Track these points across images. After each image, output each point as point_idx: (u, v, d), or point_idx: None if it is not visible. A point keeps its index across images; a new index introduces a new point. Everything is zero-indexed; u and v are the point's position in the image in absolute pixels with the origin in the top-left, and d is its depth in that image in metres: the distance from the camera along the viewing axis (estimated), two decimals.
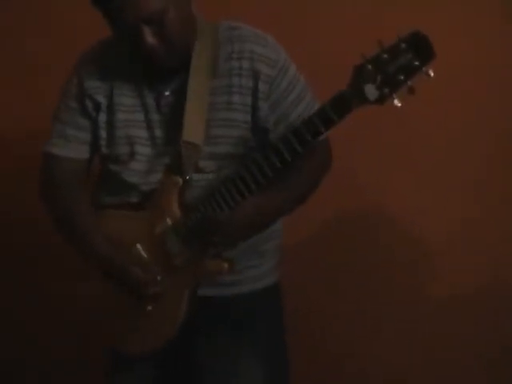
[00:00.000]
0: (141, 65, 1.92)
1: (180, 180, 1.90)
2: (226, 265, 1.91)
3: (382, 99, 1.68)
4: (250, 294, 2.03)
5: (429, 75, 1.65)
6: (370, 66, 1.66)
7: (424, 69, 1.65)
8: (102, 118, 1.96)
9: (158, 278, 1.93)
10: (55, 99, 2.04)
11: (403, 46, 1.64)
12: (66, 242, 2.03)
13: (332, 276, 2.79)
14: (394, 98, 1.68)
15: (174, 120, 1.91)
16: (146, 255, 1.95)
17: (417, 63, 1.64)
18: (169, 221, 1.91)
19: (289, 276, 2.16)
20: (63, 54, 2.48)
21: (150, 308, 1.97)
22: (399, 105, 1.68)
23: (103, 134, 1.97)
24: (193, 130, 1.88)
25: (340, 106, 1.72)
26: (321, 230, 2.79)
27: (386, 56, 1.65)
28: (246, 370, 2.00)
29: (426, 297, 2.74)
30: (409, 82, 1.66)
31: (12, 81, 2.89)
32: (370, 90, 1.68)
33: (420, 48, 1.64)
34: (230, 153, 1.92)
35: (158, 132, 1.94)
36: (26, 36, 2.86)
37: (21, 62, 2.88)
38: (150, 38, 1.79)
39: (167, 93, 1.92)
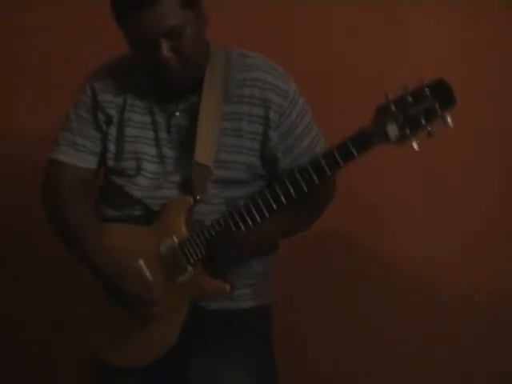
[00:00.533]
0: (154, 83, 1.94)
1: (191, 200, 1.92)
2: (228, 287, 1.93)
3: (402, 139, 1.72)
4: (239, 311, 2.04)
5: (447, 123, 1.69)
6: (393, 107, 1.71)
7: (444, 115, 1.69)
8: (112, 131, 1.99)
9: (156, 293, 1.95)
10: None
11: (427, 91, 1.68)
12: (67, 250, 2.05)
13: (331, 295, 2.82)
14: (412, 140, 1.72)
15: (182, 140, 1.95)
16: (147, 271, 1.96)
17: (438, 109, 1.68)
18: (175, 239, 1.93)
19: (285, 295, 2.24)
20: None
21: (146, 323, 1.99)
22: (416, 148, 1.72)
23: (112, 147, 2.00)
24: (204, 152, 1.92)
25: (361, 141, 1.76)
26: (319, 246, 2.81)
27: (410, 99, 1.69)
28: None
29: (431, 311, 2.76)
30: (428, 127, 1.70)
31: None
32: (392, 129, 1.72)
33: (442, 94, 1.68)
34: (238, 178, 1.95)
35: (166, 151, 1.97)
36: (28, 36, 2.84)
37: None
38: (167, 51, 1.83)
39: (177, 113, 1.96)
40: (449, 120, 1.68)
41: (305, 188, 1.82)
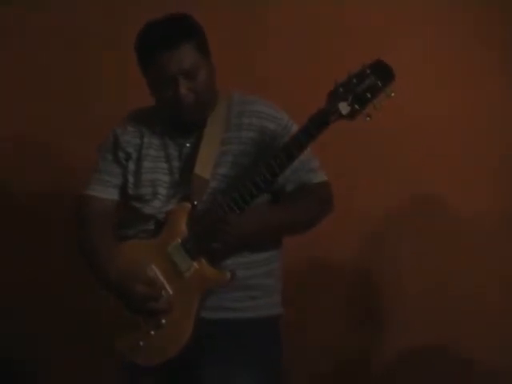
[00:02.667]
0: (168, 124, 2.30)
1: (189, 205, 2.23)
2: (228, 274, 2.19)
3: (353, 114, 2.01)
4: (244, 321, 2.26)
5: (390, 96, 1.98)
6: (341, 89, 2.01)
7: (387, 89, 1.98)
8: (131, 166, 2.33)
9: (170, 292, 2.21)
10: None
11: (368, 71, 1.98)
12: (88, 268, 2.33)
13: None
14: (363, 114, 2.01)
15: (190, 166, 2.26)
16: (159, 273, 2.23)
17: (380, 84, 1.97)
18: (178, 240, 2.22)
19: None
20: None
21: (163, 321, 2.23)
22: (369, 119, 2.00)
23: (131, 178, 2.33)
24: (203, 167, 2.23)
25: (318, 121, 2.05)
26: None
27: (354, 80, 1.99)
28: None
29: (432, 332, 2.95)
30: (374, 100, 1.98)
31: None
32: (343, 107, 2.00)
33: (382, 72, 1.97)
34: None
35: (177, 176, 2.29)
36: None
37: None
38: (184, 89, 2.18)
39: (188, 144, 2.30)
40: (392, 93, 1.96)
41: (277, 171, 2.10)
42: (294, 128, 2.23)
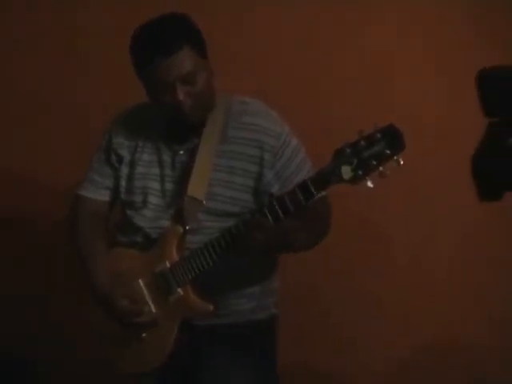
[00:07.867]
0: (163, 126, 2.21)
1: (181, 229, 2.16)
2: (211, 307, 2.15)
3: (355, 180, 1.88)
4: (234, 325, 2.25)
5: (399, 163, 1.84)
6: (348, 150, 1.87)
7: (395, 157, 1.84)
8: (124, 170, 2.27)
9: (154, 310, 2.19)
10: None
11: (378, 135, 1.84)
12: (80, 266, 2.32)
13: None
14: (366, 180, 1.87)
15: (183, 176, 2.20)
16: (144, 290, 2.22)
17: (388, 152, 1.84)
18: (167, 263, 2.17)
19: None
20: None
21: (144, 335, 2.23)
22: (371, 186, 1.86)
23: (123, 183, 2.28)
24: (197, 186, 2.15)
25: (319, 181, 1.94)
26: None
27: (363, 143, 1.85)
28: None
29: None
30: (380, 168, 1.85)
31: None
32: (346, 171, 1.87)
33: (393, 139, 1.83)
34: (227, 210, 2.16)
35: (169, 185, 2.22)
36: None
37: None
38: (182, 95, 2.08)
39: (181, 152, 2.20)
40: (401, 161, 1.83)
41: (271, 221, 2.00)
42: (293, 142, 2.18)
